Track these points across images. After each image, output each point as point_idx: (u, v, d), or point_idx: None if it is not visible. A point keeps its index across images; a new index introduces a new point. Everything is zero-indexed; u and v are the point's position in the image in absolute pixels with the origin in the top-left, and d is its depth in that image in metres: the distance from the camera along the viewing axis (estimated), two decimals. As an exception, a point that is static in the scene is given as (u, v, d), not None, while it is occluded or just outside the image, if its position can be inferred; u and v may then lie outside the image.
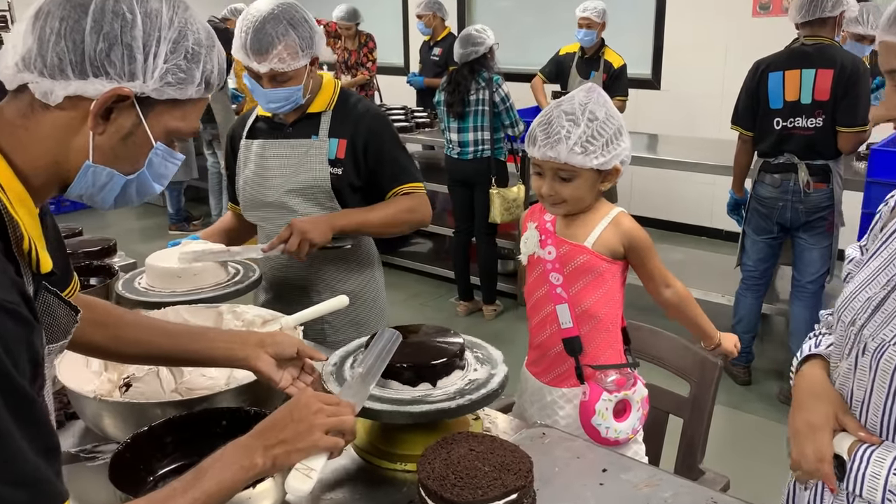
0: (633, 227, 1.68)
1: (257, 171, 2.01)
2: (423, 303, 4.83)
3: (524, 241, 1.74)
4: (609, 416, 1.63)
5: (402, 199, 2.00)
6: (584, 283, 1.65)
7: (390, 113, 5.64)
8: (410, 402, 1.27)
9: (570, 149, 1.54)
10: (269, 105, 1.91)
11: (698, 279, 4.30)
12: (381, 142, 1.98)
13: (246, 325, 1.62)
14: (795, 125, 3.24)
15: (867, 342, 1.10)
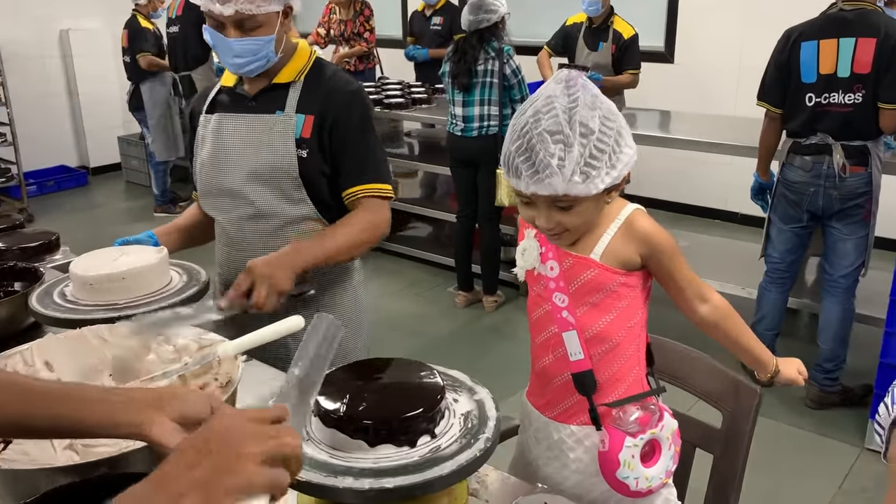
0: (651, 228, 1.32)
1: (213, 150, 1.69)
2: (418, 293, 4.53)
3: (521, 253, 1.39)
4: (637, 464, 1.31)
5: (361, 216, 1.67)
6: (594, 303, 1.32)
7: (386, 86, 5.30)
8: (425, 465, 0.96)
9: (567, 180, 1.18)
10: (234, 60, 1.58)
11: (713, 268, 3.98)
12: (349, 125, 1.66)
13: (178, 351, 1.31)
14: (831, 101, 2.90)
15: None
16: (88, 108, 6.90)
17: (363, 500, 0.93)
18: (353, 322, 1.81)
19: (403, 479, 0.93)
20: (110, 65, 6.77)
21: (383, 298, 4.46)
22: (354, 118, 1.66)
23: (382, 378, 1.10)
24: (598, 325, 1.33)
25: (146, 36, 5.64)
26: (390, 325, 4.06)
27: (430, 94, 5.06)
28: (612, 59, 4.48)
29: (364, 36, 6.05)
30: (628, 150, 1.23)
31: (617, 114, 1.24)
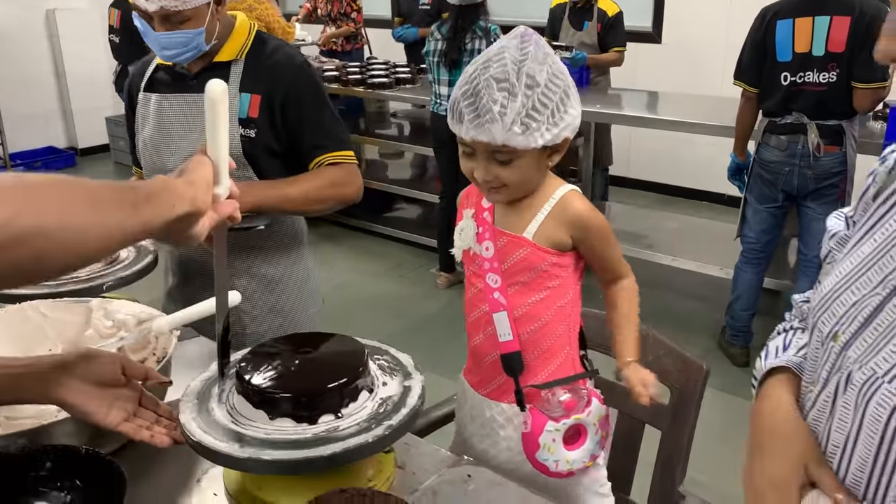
0: (584, 209, 1.31)
1: (156, 131, 1.68)
2: (402, 274, 4.53)
3: (459, 232, 1.38)
4: (558, 448, 1.31)
5: (329, 171, 1.66)
6: (524, 282, 1.32)
7: (372, 65, 5.27)
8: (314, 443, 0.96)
9: (507, 129, 1.17)
10: (163, 52, 1.57)
11: (695, 249, 3.99)
12: (301, 100, 1.64)
13: (116, 326, 1.31)
14: (805, 80, 2.88)
15: (852, 370, 0.79)
16: (76, 89, 6.87)
17: (240, 466, 0.95)
18: (302, 294, 1.83)
19: (285, 453, 0.93)
20: (98, 45, 6.71)
21: (367, 279, 4.47)
22: (306, 93, 1.65)
23: (309, 353, 1.10)
24: (528, 303, 1.32)
25: None
26: (372, 306, 4.06)
27: (415, 73, 5.03)
28: (598, 37, 4.45)
29: (351, 16, 6.01)
30: (573, 111, 1.22)
31: (566, 74, 1.24)
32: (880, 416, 0.74)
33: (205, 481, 1.10)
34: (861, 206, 0.92)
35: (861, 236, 0.87)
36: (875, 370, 0.75)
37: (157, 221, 0.83)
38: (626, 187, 5.91)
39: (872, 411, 0.75)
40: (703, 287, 4.20)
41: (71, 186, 0.76)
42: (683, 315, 3.95)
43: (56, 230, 0.72)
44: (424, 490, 1.05)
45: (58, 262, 0.74)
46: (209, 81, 0.94)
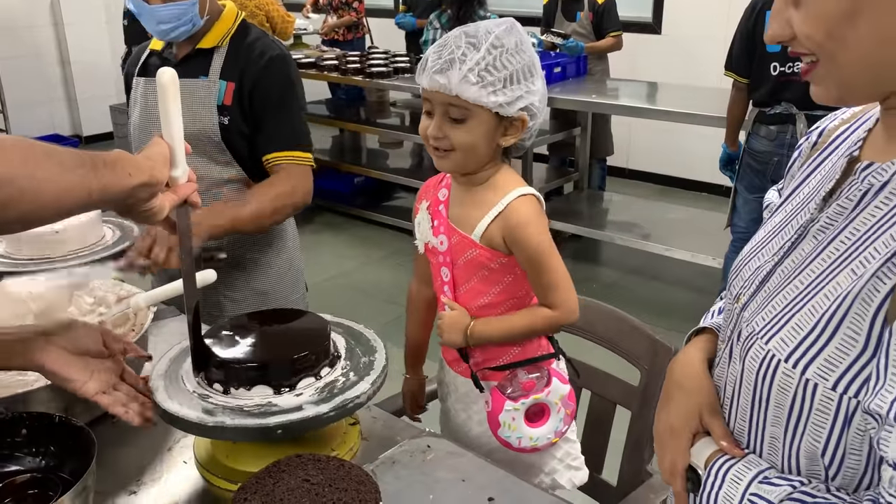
0: (522, 219, 1.29)
1: (142, 114, 1.72)
2: (399, 262, 4.56)
3: (417, 225, 1.41)
4: (519, 425, 1.35)
5: (278, 182, 1.68)
6: (478, 279, 1.35)
7: (372, 55, 5.30)
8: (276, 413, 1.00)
9: (463, 76, 1.20)
10: (159, 27, 1.61)
11: (689, 239, 4.01)
12: (268, 92, 1.67)
13: (98, 302, 1.36)
14: (794, 71, 2.90)
15: (742, 328, 0.85)
16: (80, 77, 6.91)
17: (207, 434, 1.01)
18: (284, 280, 1.86)
19: (248, 421, 0.98)
20: (102, 33, 6.78)
21: (363, 267, 4.51)
22: (274, 85, 1.68)
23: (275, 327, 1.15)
24: (486, 297, 1.36)
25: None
26: (367, 293, 4.11)
27: (414, 63, 5.05)
28: (592, 26, 4.47)
29: (353, 6, 6.04)
30: (532, 87, 1.25)
31: (534, 57, 1.26)
32: (752, 369, 0.81)
33: (176, 450, 1.15)
34: (787, 180, 0.97)
35: (777, 207, 0.93)
36: (754, 328, 0.82)
37: (115, 187, 0.87)
38: (625, 178, 5.94)
39: (748, 365, 0.81)
40: (696, 276, 4.23)
41: (35, 144, 0.82)
42: (677, 304, 3.98)
43: (21, 178, 0.77)
44: (384, 459, 1.09)
45: (21, 210, 0.79)
46: (159, 69, 0.98)
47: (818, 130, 0.94)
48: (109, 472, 1.06)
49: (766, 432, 0.82)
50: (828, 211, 0.80)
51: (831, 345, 0.72)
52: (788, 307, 0.78)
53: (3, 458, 1.04)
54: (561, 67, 4.41)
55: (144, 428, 1.02)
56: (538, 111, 1.28)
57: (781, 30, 0.76)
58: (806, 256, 0.80)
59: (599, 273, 4.37)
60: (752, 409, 0.82)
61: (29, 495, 1.00)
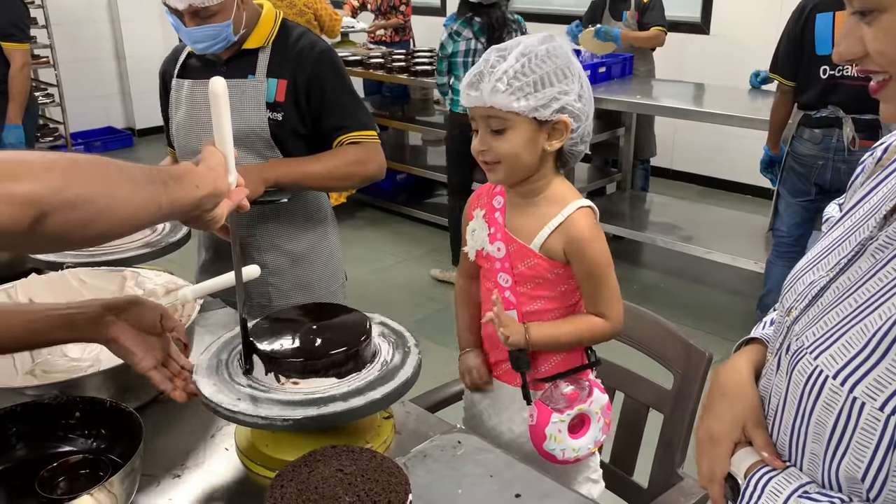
0: (585, 236, 1.32)
1: (188, 115, 1.78)
2: (439, 259, 4.61)
3: (471, 233, 1.43)
4: (563, 437, 1.37)
5: (350, 149, 1.74)
6: (533, 286, 1.37)
7: (417, 54, 5.34)
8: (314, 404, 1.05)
9: (492, 85, 1.23)
10: (195, 45, 1.67)
11: (730, 242, 3.97)
12: (324, 84, 1.73)
13: (147, 295, 1.42)
14: (844, 74, 2.85)
15: (791, 342, 0.86)
16: (135, 71, 7.10)
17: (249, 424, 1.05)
18: (327, 270, 1.92)
19: (288, 412, 1.03)
20: (156, 29, 6.94)
21: (402, 262, 4.57)
22: (328, 77, 1.73)
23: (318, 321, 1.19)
24: (536, 304, 1.38)
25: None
26: (405, 288, 4.16)
27: (459, 61, 5.08)
28: (638, 25, 4.44)
29: (400, 9, 6.10)
30: (567, 88, 1.26)
31: (567, 57, 1.28)
32: (799, 383, 0.81)
33: (218, 437, 1.20)
34: (849, 194, 0.97)
35: (836, 222, 0.93)
36: (804, 342, 0.82)
37: (184, 200, 0.92)
38: (669, 179, 5.89)
39: (795, 378, 0.82)
40: (737, 280, 4.18)
41: (111, 163, 0.86)
42: (717, 307, 3.95)
43: (100, 198, 0.81)
44: (416, 452, 1.13)
45: (100, 228, 0.83)
46: (212, 79, 1.03)
47: (883, 146, 0.94)
48: (155, 455, 1.12)
49: (806, 448, 0.82)
50: (888, 229, 0.80)
51: (882, 364, 0.72)
52: (840, 324, 0.78)
53: (58, 439, 1.10)
54: (606, 68, 4.39)
55: (188, 401, 1.08)
56: (581, 112, 1.29)
57: (853, 47, 0.77)
58: (862, 274, 0.80)
59: (640, 274, 4.34)
60: (794, 424, 0.83)
61: (81, 475, 1.06)
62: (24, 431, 1.09)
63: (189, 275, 1.80)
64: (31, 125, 4.25)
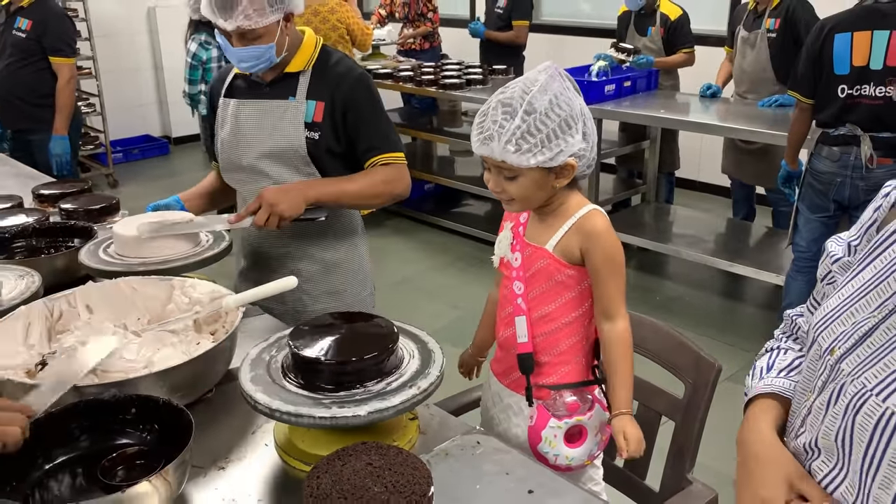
0: (600, 228, 1.43)
1: (232, 132, 1.92)
2: (464, 267, 4.72)
3: (498, 242, 1.56)
4: (559, 443, 1.47)
5: (381, 170, 1.87)
6: (543, 290, 1.48)
7: (445, 66, 5.46)
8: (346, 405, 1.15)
9: (503, 147, 1.33)
10: (241, 64, 1.81)
11: (753, 255, 4.03)
12: (360, 107, 1.85)
13: (193, 303, 1.54)
14: (862, 93, 2.92)
15: (845, 382, 0.89)
16: (171, 81, 7.29)
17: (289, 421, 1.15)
18: (357, 278, 2.05)
19: (324, 412, 1.13)
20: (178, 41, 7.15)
21: (429, 270, 4.68)
22: (363, 101, 1.86)
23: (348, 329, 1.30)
24: (546, 308, 1.48)
25: None
26: (431, 295, 4.27)
27: (487, 74, 5.19)
28: (663, 41, 4.52)
29: (428, 16, 6.23)
30: (571, 140, 1.35)
31: (572, 106, 1.36)
32: (867, 426, 0.85)
33: (258, 434, 1.32)
34: (865, 236, 1.02)
35: (862, 264, 0.98)
36: (865, 384, 0.86)
37: None
38: (695, 190, 5.94)
39: (861, 421, 0.85)
40: (760, 292, 4.24)
41: None
42: (739, 320, 4.01)
43: None
44: (438, 451, 1.23)
45: None
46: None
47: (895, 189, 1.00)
48: (202, 449, 1.23)
49: (872, 491, 0.85)
50: None
51: None
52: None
53: (116, 432, 1.22)
54: (631, 82, 4.48)
55: None
56: (585, 152, 1.39)
57: None
58: None
59: (663, 286, 4.41)
60: (863, 467, 0.85)
61: (137, 465, 1.17)
62: (86, 426, 1.20)
63: (229, 281, 1.93)
64: (76, 135, 4.44)
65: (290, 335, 1.27)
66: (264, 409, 1.16)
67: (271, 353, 1.30)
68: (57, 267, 1.81)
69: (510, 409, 1.56)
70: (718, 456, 2.07)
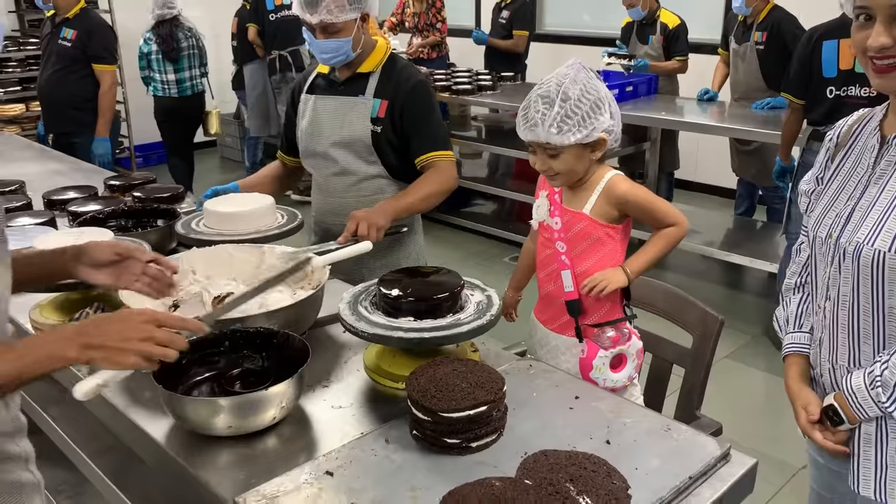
0: (626, 189, 1.76)
1: (311, 123, 2.22)
2: (477, 262, 5.01)
3: (536, 208, 1.87)
4: (606, 370, 1.78)
5: (433, 175, 2.16)
6: (584, 247, 1.78)
7: (457, 73, 5.77)
8: (412, 331, 1.45)
9: (546, 130, 1.66)
10: (321, 56, 2.11)
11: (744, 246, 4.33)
12: (416, 110, 2.15)
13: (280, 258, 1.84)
14: (849, 94, 3.23)
15: (845, 248, 1.31)
16: (190, 90, 7.59)
17: (405, 344, 1.44)
18: (411, 256, 2.37)
19: (432, 333, 1.43)
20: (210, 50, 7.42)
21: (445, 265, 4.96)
22: (420, 104, 2.16)
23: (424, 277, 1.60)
24: (586, 264, 1.79)
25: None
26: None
27: (496, 81, 5.51)
28: (663, 49, 4.86)
29: (437, 26, 6.55)
30: (602, 118, 1.68)
31: (599, 92, 1.69)
32: (868, 265, 1.27)
33: (351, 361, 1.61)
34: (824, 166, 1.47)
35: (828, 181, 1.44)
36: (858, 241, 1.29)
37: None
38: (692, 190, 6.26)
39: (863, 262, 1.27)
40: (753, 281, 4.56)
41: None
42: (735, 305, 4.31)
43: None
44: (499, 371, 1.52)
45: None
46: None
47: (836, 133, 1.49)
48: (310, 372, 1.51)
49: (886, 328, 1.30)
50: (878, 167, 1.30)
51: None
52: (879, 219, 1.26)
53: (246, 358, 1.50)
54: (633, 87, 4.80)
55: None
56: (614, 128, 1.72)
57: None
58: (881, 187, 1.28)
59: (665, 276, 4.70)
60: (873, 299, 1.29)
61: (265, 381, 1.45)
62: (222, 351, 1.50)
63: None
64: (114, 138, 4.75)
65: (379, 281, 1.56)
66: (364, 334, 1.46)
67: (360, 298, 1.60)
68: (150, 240, 2.11)
69: (557, 348, 1.86)
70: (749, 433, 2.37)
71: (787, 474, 2.86)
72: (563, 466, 1.15)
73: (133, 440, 1.46)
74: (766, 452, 2.97)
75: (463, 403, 1.25)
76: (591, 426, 1.34)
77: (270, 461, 1.29)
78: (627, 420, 1.37)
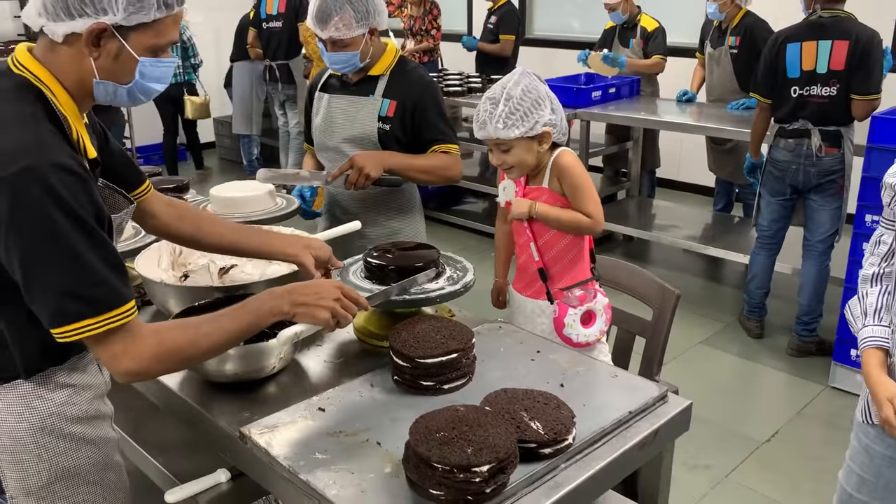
0: (567, 163, 1.97)
1: (324, 120, 2.43)
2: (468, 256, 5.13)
3: (502, 189, 2.10)
4: (577, 325, 2.00)
5: (440, 156, 2.35)
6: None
7: (448, 76, 5.99)
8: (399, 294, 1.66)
9: (494, 126, 1.88)
10: (332, 65, 2.32)
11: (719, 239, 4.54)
12: (426, 108, 2.34)
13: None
14: (811, 93, 3.44)
15: None
16: (191, 93, 7.80)
17: (390, 305, 1.65)
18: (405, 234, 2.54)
19: (415, 296, 1.65)
20: (209, 55, 7.64)
21: (437, 259, 5.18)
22: (429, 103, 2.35)
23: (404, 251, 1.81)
24: (546, 236, 2.02)
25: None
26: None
27: (485, 83, 5.72)
28: (643, 52, 5.08)
29: (431, 33, 6.76)
30: (543, 112, 1.90)
31: (538, 90, 1.91)
32: None
33: (342, 324, 1.82)
34: None
35: None
36: None
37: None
38: (675, 189, 6.48)
39: None
40: (728, 272, 4.78)
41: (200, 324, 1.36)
42: (711, 294, 4.53)
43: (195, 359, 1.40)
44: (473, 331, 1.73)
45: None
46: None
47: None
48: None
49: None
50: None
51: None
52: None
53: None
54: (615, 89, 5.01)
55: None
56: (557, 121, 1.94)
57: None
58: None
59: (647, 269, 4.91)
60: None
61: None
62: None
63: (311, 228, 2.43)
64: (118, 139, 4.95)
65: (366, 254, 1.77)
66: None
67: (352, 269, 1.81)
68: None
69: (534, 312, 2.08)
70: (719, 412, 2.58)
71: (750, 447, 3.07)
72: (520, 399, 1.36)
73: (152, 392, 1.66)
74: (732, 428, 3.18)
75: (436, 351, 1.46)
76: (548, 373, 1.55)
77: (270, 403, 1.49)
78: (580, 369, 1.58)
